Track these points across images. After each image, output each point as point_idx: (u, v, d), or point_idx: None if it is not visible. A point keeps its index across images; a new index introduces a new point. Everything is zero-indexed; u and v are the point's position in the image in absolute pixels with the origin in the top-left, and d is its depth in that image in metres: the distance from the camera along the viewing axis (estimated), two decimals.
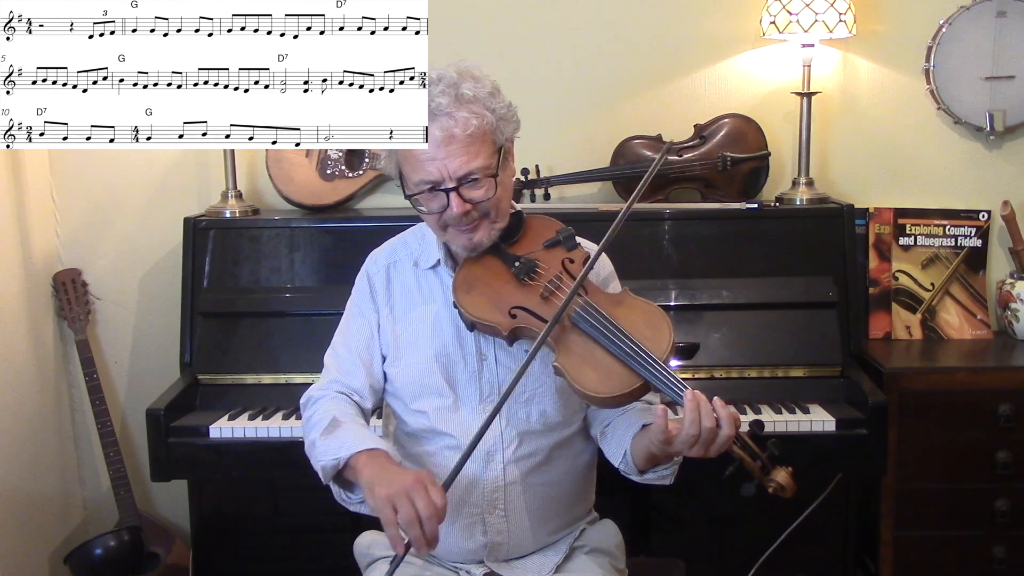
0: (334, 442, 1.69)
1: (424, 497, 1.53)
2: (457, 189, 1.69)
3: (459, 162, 1.68)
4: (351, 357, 1.85)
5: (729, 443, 1.59)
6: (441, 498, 1.55)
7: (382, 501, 1.54)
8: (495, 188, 1.72)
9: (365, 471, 1.62)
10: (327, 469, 1.66)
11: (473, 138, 1.68)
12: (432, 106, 1.66)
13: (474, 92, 1.69)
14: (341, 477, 1.69)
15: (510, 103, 1.76)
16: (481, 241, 1.77)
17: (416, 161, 1.70)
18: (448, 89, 1.68)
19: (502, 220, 1.79)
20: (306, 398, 1.84)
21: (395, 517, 1.53)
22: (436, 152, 1.67)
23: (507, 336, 1.72)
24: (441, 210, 1.72)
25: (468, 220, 1.73)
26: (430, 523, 1.52)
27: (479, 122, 1.68)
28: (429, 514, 1.52)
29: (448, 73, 1.70)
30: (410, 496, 1.52)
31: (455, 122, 1.67)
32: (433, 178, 1.69)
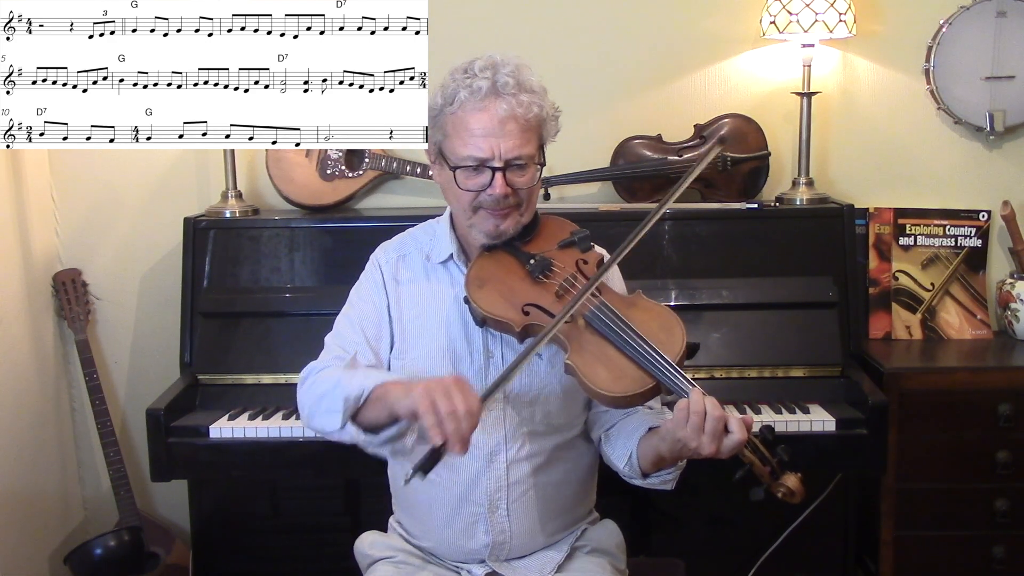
0: (359, 374, 1.66)
1: (462, 394, 1.50)
2: (504, 170, 1.70)
3: (512, 143, 1.70)
4: (357, 337, 1.82)
5: (741, 447, 1.60)
6: (478, 402, 1.52)
7: (421, 394, 1.50)
8: (537, 178, 1.75)
9: (395, 387, 1.58)
10: (350, 400, 1.62)
11: (530, 124, 1.72)
12: (499, 83, 1.69)
13: (534, 84, 1.74)
14: (359, 422, 1.64)
15: (556, 106, 1.79)
16: (507, 230, 1.77)
17: (469, 135, 1.70)
18: (515, 72, 1.71)
19: (528, 214, 1.81)
20: (307, 370, 1.78)
21: (434, 407, 1.48)
22: (495, 128, 1.69)
23: (519, 333, 1.72)
24: (480, 189, 1.73)
25: (504, 205, 1.74)
26: (468, 419, 1.49)
27: (539, 111, 1.73)
28: (466, 409, 1.49)
29: (512, 59, 1.73)
30: (449, 392, 1.50)
31: (519, 104, 1.69)
32: (483, 154, 1.70)
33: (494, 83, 1.69)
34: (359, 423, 1.65)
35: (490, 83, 1.69)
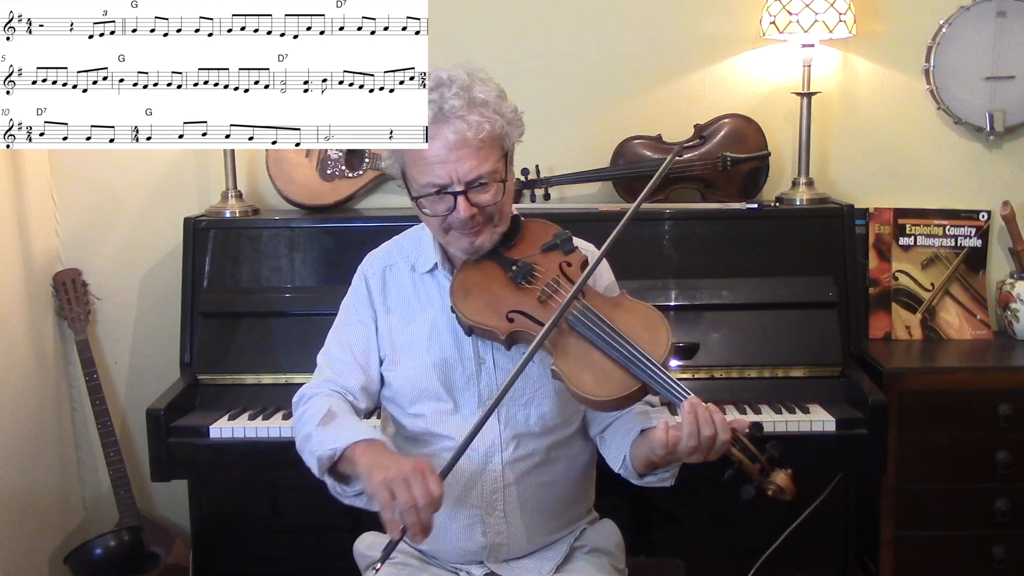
0: (331, 433, 1.67)
1: (422, 484, 1.51)
2: (465, 193, 1.68)
3: (469, 166, 1.67)
4: (346, 358, 1.83)
5: (726, 447, 1.59)
6: (438, 487, 1.53)
7: (379, 485, 1.52)
8: (502, 192, 1.72)
9: (363, 459, 1.60)
10: (323, 460, 1.65)
11: (484, 142, 1.67)
12: (446, 108, 1.65)
13: (485, 96, 1.68)
14: (336, 471, 1.68)
15: (515, 107, 1.75)
16: (483, 245, 1.76)
17: (424, 163, 1.68)
18: (461, 92, 1.66)
19: (504, 224, 1.78)
20: (299, 396, 1.82)
21: (392, 502, 1.51)
22: (447, 155, 1.66)
23: (504, 340, 1.72)
24: (446, 213, 1.71)
25: (473, 224, 1.72)
26: (426, 511, 1.51)
27: (491, 127, 1.67)
28: (426, 502, 1.50)
29: (459, 75, 1.68)
30: (408, 482, 1.51)
31: (468, 126, 1.65)
32: (441, 181, 1.67)
33: (440, 108, 1.65)
34: (335, 473, 1.68)
35: (436, 108, 1.65)
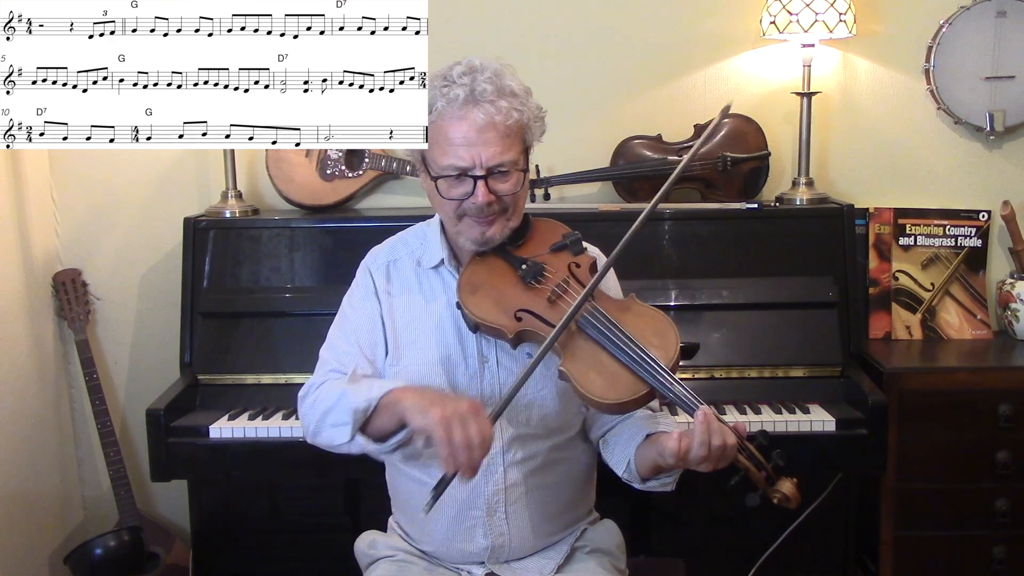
0: (363, 385, 1.67)
1: (478, 423, 1.53)
2: (485, 178, 1.69)
3: (493, 151, 1.68)
4: (351, 349, 1.81)
5: (734, 455, 1.59)
6: (490, 428, 1.55)
7: (437, 422, 1.52)
8: (521, 184, 1.73)
9: (409, 397, 1.60)
10: (358, 412, 1.63)
11: (510, 130, 1.69)
12: (477, 91, 1.66)
13: (515, 87, 1.71)
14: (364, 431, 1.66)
15: (540, 106, 1.77)
16: (493, 236, 1.76)
17: (449, 144, 1.69)
18: (493, 78, 1.68)
19: (516, 219, 1.79)
20: (305, 389, 1.79)
21: (449, 438, 1.51)
22: (475, 137, 1.67)
23: (511, 339, 1.71)
24: (463, 198, 1.71)
25: (488, 212, 1.72)
26: (480, 450, 1.52)
27: (519, 115, 1.70)
28: (480, 440, 1.52)
29: (492, 63, 1.71)
30: (465, 421, 1.52)
31: (497, 110, 1.67)
32: (464, 164, 1.68)
33: (472, 90, 1.67)
34: (367, 433, 1.66)
35: (468, 90, 1.67)
